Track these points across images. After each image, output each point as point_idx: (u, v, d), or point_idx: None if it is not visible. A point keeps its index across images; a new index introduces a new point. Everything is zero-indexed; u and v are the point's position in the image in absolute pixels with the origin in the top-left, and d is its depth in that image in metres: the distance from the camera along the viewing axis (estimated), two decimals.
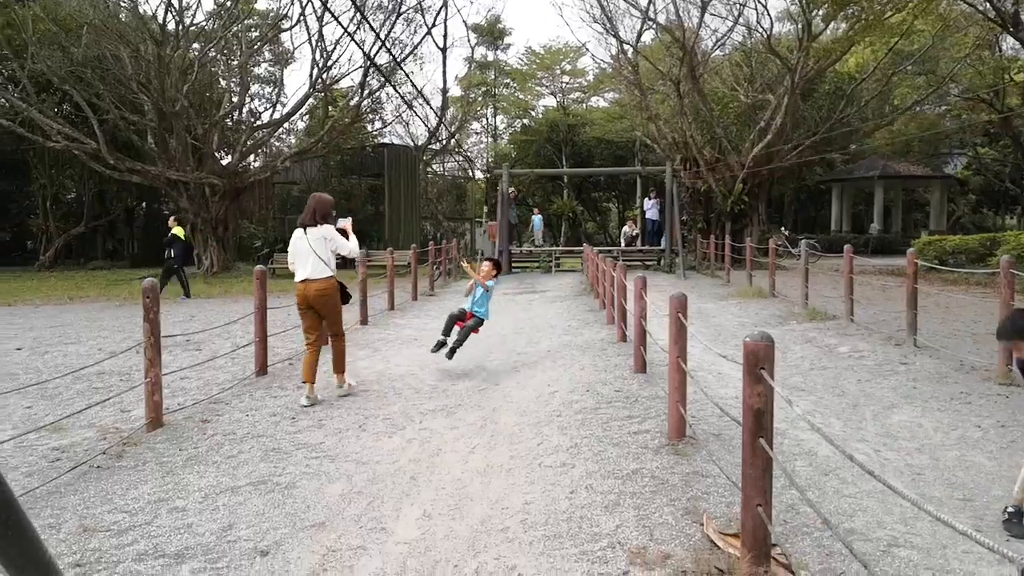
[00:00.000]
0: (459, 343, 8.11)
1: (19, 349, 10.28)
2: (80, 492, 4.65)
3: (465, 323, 8.30)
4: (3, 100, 27.51)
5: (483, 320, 8.45)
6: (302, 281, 7.07)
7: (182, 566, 3.61)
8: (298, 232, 7.12)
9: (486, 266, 8.58)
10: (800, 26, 23.23)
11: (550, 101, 46.15)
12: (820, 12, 22.85)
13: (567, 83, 45.19)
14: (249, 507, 4.37)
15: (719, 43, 28.28)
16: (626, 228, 28.45)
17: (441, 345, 8.12)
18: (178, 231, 17.14)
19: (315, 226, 7.04)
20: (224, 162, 27.21)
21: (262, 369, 8.28)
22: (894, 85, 29.55)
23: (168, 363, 7.80)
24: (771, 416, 3.27)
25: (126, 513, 4.30)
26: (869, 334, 10.31)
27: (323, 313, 7.21)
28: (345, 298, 7.46)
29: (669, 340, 5.39)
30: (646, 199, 27.27)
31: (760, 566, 3.24)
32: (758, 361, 3.22)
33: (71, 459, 5.36)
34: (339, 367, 7.44)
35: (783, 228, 29.45)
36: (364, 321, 12.47)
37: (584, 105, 45.14)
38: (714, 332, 10.91)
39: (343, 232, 7.34)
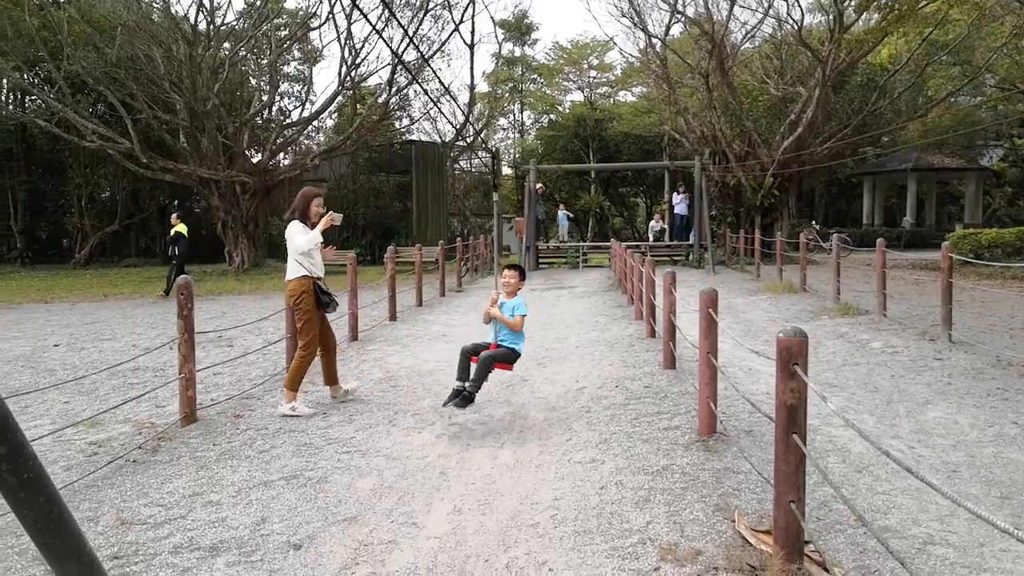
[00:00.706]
0: (476, 384, 5.79)
1: (56, 346, 10.49)
2: (117, 486, 4.73)
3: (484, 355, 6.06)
4: (40, 101, 28.04)
5: (515, 352, 6.06)
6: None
7: (217, 559, 3.67)
8: None
9: (508, 276, 6.21)
10: (831, 17, 22.93)
11: (577, 96, 46.03)
12: (852, 2, 22.52)
13: (594, 78, 45.01)
14: (282, 501, 4.42)
15: (749, 35, 28.04)
16: (652, 222, 28.30)
17: (457, 394, 5.79)
18: (181, 228, 17.14)
19: (289, 223, 6.71)
20: (254, 160, 27.51)
21: None
22: (928, 76, 29.04)
23: (201, 359, 7.90)
24: (804, 412, 3.24)
25: (162, 507, 4.37)
26: (903, 329, 10.16)
27: (295, 315, 6.65)
28: (321, 303, 6.62)
29: (699, 335, 5.36)
30: (675, 194, 27.10)
31: (793, 563, 3.22)
32: (791, 357, 3.19)
33: (108, 453, 5.46)
34: (288, 381, 6.58)
35: (814, 222, 29.06)
36: (393, 317, 12.54)
37: (611, 100, 44.92)
38: (744, 327, 10.81)
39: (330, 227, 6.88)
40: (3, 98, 31.53)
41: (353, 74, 27.82)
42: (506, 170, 45.23)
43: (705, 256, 23.19)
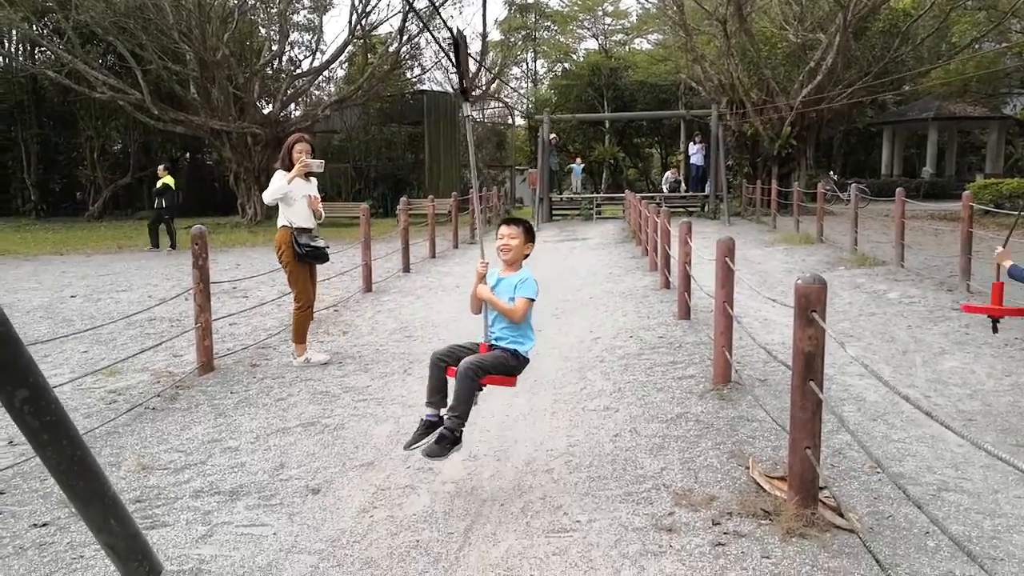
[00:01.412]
0: (457, 415, 3.67)
1: (73, 296, 10.57)
2: (137, 432, 4.80)
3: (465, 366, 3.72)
4: (49, 52, 27.83)
5: (518, 355, 3.87)
6: None
7: (237, 503, 3.73)
8: None
9: (507, 236, 3.94)
10: None
11: (592, 44, 45.24)
12: None
13: (609, 25, 44.17)
14: (299, 447, 4.47)
15: None
16: (668, 174, 27.99)
17: (428, 429, 3.75)
18: (168, 180, 16.83)
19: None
20: (265, 111, 27.29)
21: None
22: (952, 21, 28.23)
23: (216, 309, 7.92)
24: (822, 359, 3.22)
25: (181, 452, 4.44)
26: (920, 280, 10.07)
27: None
28: (296, 255, 6.35)
29: (715, 285, 5.33)
30: (691, 143, 26.74)
31: (808, 508, 3.23)
32: (809, 304, 3.17)
33: (127, 401, 5.53)
34: (293, 335, 6.53)
35: (831, 172, 28.69)
36: (406, 269, 12.56)
37: (627, 48, 44.11)
38: (760, 278, 10.75)
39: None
40: (13, 49, 31.31)
41: (364, 22, 27.41)
42: (519, 120, 44.72)
43: (721, 207, 22.98)
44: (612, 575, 2.94)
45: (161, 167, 17.52)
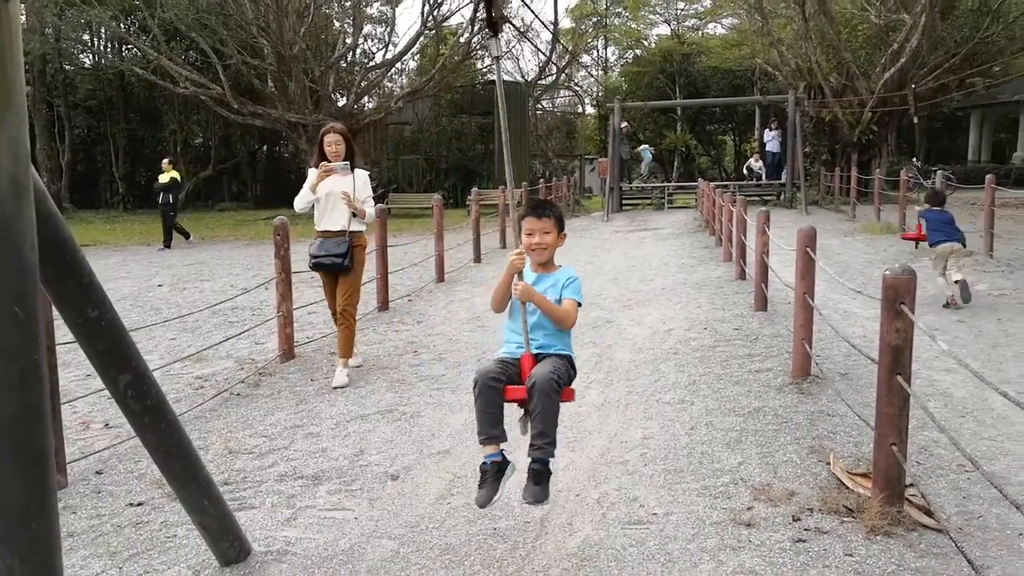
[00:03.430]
0: (550, 441, 3.01)
1: (160, 286, 11.02)
2: (223, 417, 4.99)
3: (526, 386, 3.00)
4: (136, 49, 28.95)
5: (574, 364, 3.25)
6: None
7: (319, 487, 3.84)
8: None
9: (534, 228, 3.23)
10: None
11: (664, 30, 44.50)
12: None
13: (682, 10, 43.32)
14: (378, 434, 4.57)
15: None
16: (751, 161, 27.33)
17: (498, 476, 3.10)
18: (175, 174, 16.48)
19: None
20: (340, 104, 27.80)
21: (383, 305, 8.58)
22: None
23: (295, 298, 8.16)
24: (910, 353, 3.13)
25: (265, 437, 4.59)
26: (1011, 271, 9.63)
27: None
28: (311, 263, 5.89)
29: (795, 276, 5.21)
30: (766, 130, 26.12)
31: (893, 506, 3.15)
32: (898, 295, 3.08)
33: (213, 387, 5.74)
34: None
35: (914, 159, 27.61)
36: (478, 259, 12.65)
37: (700, 33, 43.27)
38: (839, 269, 10.44)
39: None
40: (102, 47, 32.67)
41: (435, 13, 27.63)
42: (588, 109, 44.41)
43: (797, 195, 22.40)
44: (690, 568, 2.93)
45: (165, 161, 16.89)
